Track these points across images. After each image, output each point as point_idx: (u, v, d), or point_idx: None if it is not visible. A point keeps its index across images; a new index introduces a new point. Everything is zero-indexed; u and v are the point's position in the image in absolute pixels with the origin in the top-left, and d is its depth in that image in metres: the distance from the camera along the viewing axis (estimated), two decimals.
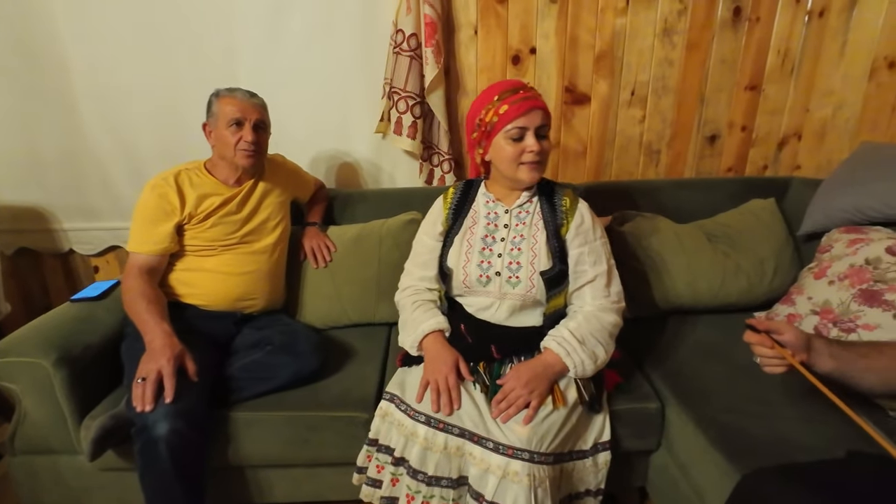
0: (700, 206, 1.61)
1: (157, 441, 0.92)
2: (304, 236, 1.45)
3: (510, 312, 1.05)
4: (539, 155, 0.99)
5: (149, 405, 0.93)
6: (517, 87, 1.01)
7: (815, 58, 1.72)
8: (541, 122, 0.99)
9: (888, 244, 1.13)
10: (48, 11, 1.61)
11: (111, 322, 1.21)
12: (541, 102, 1.00)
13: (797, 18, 1.70)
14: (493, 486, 0.85)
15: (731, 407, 1.02)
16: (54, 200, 1.86)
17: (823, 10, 1.67)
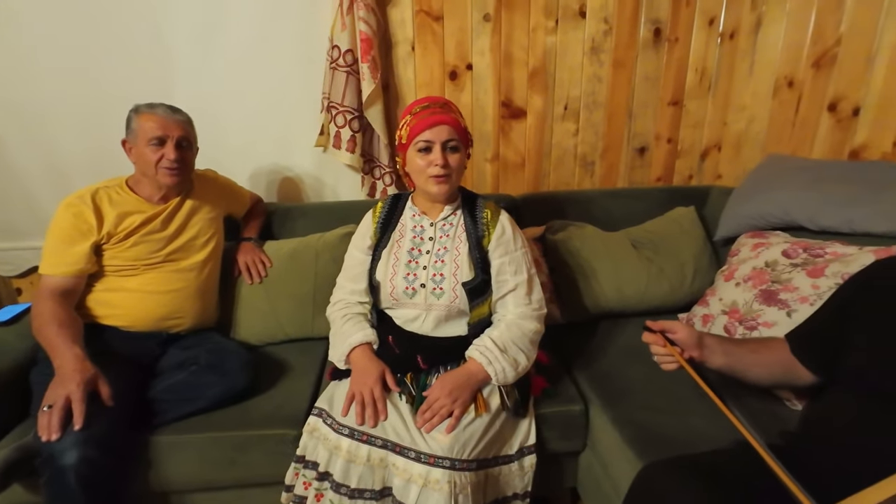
0: (630, 214, 1.70)
1: (65, 471, 0.88)
2: (239, 252, 1.43)
3: (436, 323, 1.07)
4: (444, 168, 1.02)
5: (55, 433, 0.89)
6: (431, 103, 1.05)
7: (729, 76, 1.86)
8: (448, 136, 1.01)
9: (784, 248, 1.24)
10: None
11: (22, 348, 1.15)
12: (448, 118, 1.02)
13: (711, 40, 1.84)
14: (414, 495, 0.87)
15: (648, 405, 1.08)
16: None
17: (734, 33, 1.81)
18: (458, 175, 1.07)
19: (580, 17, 1.77)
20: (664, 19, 1.81)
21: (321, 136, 1.71)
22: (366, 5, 1.56)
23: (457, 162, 1.04)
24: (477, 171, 1.91)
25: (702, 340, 0.86)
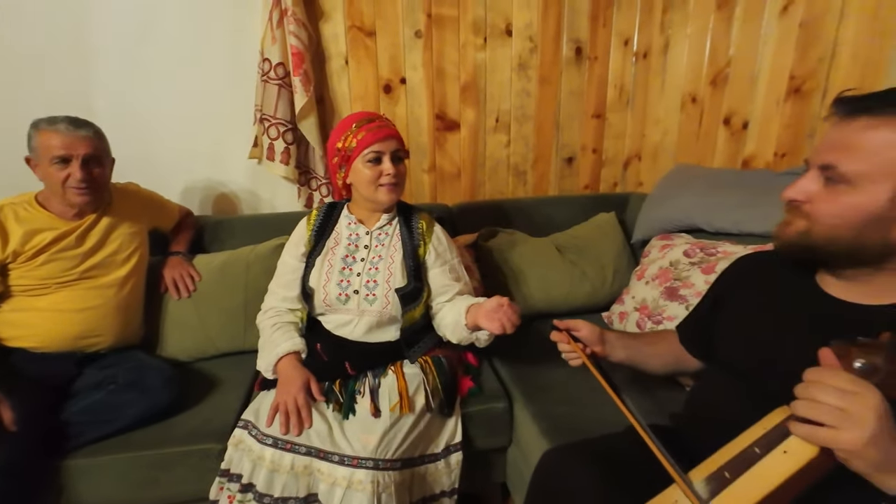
0: (557, 220, 1.80)
1: None
2: (165, 266, 1.40)
3: (368, 328, 1.11)
4: (395, 177, 1.07)
5: None
6: (372, 117, 1.10)
7: (644, 92, 2.02)
8: (396, 147, 1.08)
9: (685, 248, 1.36)
10: None
11: None
12: (394, 131, 1.10)
13: (627, 59, 2.00)
14: (339, 497, 0.89)
15: (566, 399, 1.15)
16: None
17: (646, 53, 1.98)
18: (404, 182, 1.13)
19: (507, 35, 1.88)
20: (584, 39, 1.95)
21: (254, 148, 1.71)
22: (296, 20, 1.58)
23: (403, 171, 1.10)
24: (415, 181, 1.96)
25: (603, 337, 0.93)
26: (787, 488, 0.56)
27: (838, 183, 0.60)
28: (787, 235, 0.67)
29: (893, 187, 0.57)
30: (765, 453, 0.59)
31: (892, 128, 0.56)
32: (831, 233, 0.62)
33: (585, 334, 0.92)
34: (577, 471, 0.75)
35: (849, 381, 0.51)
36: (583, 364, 0.91)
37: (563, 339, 0.91)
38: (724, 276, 0.90)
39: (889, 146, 0.56)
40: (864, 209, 0.59)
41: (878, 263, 0.62)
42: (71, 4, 1.54)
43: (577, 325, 0.93)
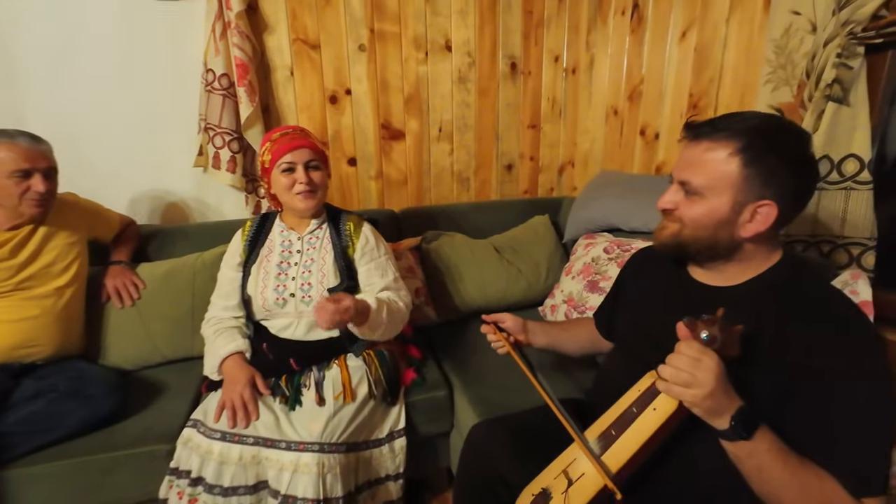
0: (497, 223, 1.94)
1: None
2: (107, 276, 1.40)
3: (308, 329, 1.17)
4: (309, 185, 1.14)
5: None
6: (286, 130, 1.17)
7: (575, 104, 2.21)
8: (309, 157, 1.15)
9: (605, 245, 1.53)
10: None
11: None
12: (307, 142, 1.15)
13: (557, 74, 2.18)
14: (286, 480, 0.95)
15: (499, 385, 1.27)
16: None
17: (575, 69, 2.16)
18: (323, 191, 1.20)
19: (447, 50, 2.00)
20: (518, 55, 2.11)
21: (200, 157, 1.73)
22: (240, 32, 1.63)
23: (319, 178, 1.17)
24: (362, 188, 2.04)
25: (525, 326, 1.06)
26: (657, 436, 0.70)
27: (693, 194, 0.74)
28: (663, 237, 0.81)
29: (732, 196, 0.71)
30: (640, 412, 0.72)
31: (725, 148, 0.70)
32: (694, 233, 0.76)
33: (510, 325, 1.04)
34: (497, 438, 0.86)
35: (696, 350, 0.64)
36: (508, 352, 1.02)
37: (490, 331, 1.02)
38: (623, 269, 1.05)
39: (724, 163, 0.70)
40: (714, 214, 0.73)
41: (729, 256, 0.77)
42: None
43: (502, 318, 1.04)
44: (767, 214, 0.69)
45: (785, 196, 0.68)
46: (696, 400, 0.63)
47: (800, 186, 0.69)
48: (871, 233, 1.13)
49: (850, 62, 1.09)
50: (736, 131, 0.69)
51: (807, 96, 1.19)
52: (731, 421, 0.62)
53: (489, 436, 0.88)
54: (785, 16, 1.24)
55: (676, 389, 0.64)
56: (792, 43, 1.24)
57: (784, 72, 1.26)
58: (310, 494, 0.94)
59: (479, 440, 0.90)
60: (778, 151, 0.67)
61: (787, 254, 0.76)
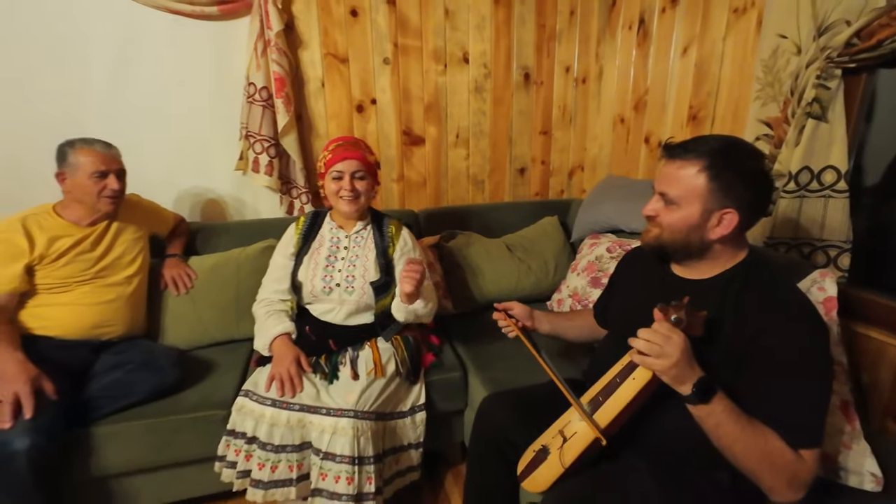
0: (509, 223, 2.09)
1: (17, 455, 1.02)
2: (165, 267, 1.59)
3: (347, 315, 1.35)
4: (352, 192, 1.31)
5: (8, 423, 1.03)
6: (344, 142, 1.34)
7: (584, 112, 2.34)
8: (356, 168, 1.31)
9: (608, 245, 1.67)
10: None
11: None
12: (355, 154, 1.31)
13: (568, 83, 2.32)
14: (327, 441, 1.13)
15: (510, 368, 1.43)
16: None
17: (585, 79, 2.30)
18: (367, 197, 1.36)
19: (464, 62, 2.16)
20: (531, 66, 2.25)
21: (241, 161, 1.91)
22: (278, 49, 1.81)
23: (364, 186, 1.33)
24: (385, 189, 2.21)
25: (532, 314, 1.21)
26: (636, 400, 0.85)
27: (671, 204, 0.89)
28: (648, 238, 0.96)
29: (701, 205, 0.86)
30: (622, 381, 0.87)
31: (694, 166, 0.85)
32: (672, 236, 0.91)
33: (518, 312, 1.19)
34: (504, 407, 1.02)
35: (667, 329, 0.79)
36: (517, 336, 1.17)
37: (500, 317, 1.18)
38: (618, 266, 1.20)
39: (694, 178, 0.85)
40: (687, 220, 0.87)
41: (701, 255, 0.91)
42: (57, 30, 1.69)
43: (511, 305, 1.20)
44: (731, 220, 0.84)
45: (743, 205, 0.83)
46: (663, 369, 0.78)
47: (755, 196, 0.84)
48: (847, 236, 1.26)
49: (828, 83, 1.22)
50: (702, 152, 0.83)
51: (790, 112, 1.32)
52: (693, 388, 0.77)
53: (497, 405, 1.05)
54: (773, 38, 1.37)
55: (648, 360, 0.79)
56: (779, 63, 1.36)
57: (772, 89, 1.39)
58: (346, 452, 1.12)
59: (488, 409, 1.06)
60: (734, 168, 0.82)
61: (751, 253, 0.90)
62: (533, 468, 0.93)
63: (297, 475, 1.15)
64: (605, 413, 0.87)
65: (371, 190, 1.37)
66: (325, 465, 1.12)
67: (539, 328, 1.21)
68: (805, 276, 1.13)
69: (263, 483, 1.13)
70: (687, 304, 0.80)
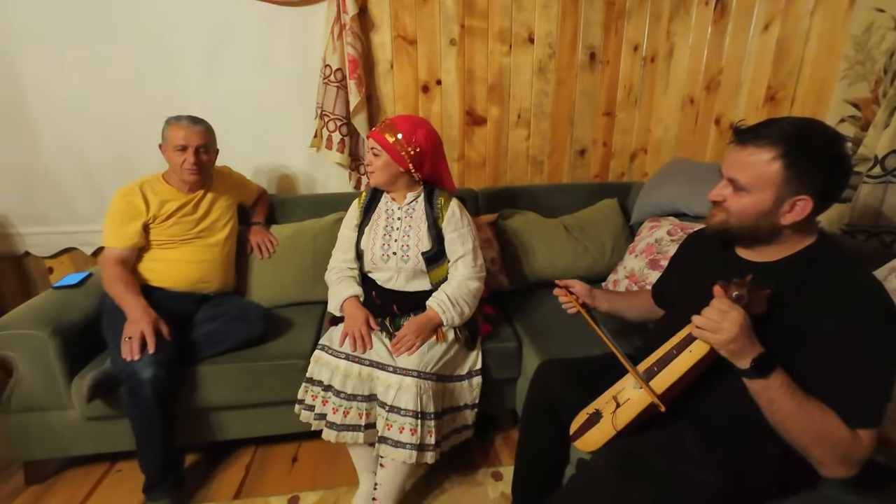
0: (567, 204, 2.11)
1: (143, 383, 1.23)
2: (250, 233, 1.78)
3: (406, 281, 1.46)
4: (370, 167, 1.42)
5: (136, 355, 1.24)
6: (379, 123, 1.43)
7: (651, 92, 2.28)
8: (372, 145, 1.40)
9: (669, 228, 1.66)
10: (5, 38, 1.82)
11: (89, 304, 1.48)
12: (375, 135, 1.40)
13: (635, 63, 2.26)
14: (392, 395, 1.25)
15: (563, 341, 1.49)
16: (10, 208, 2.04)
17: (654, 57, 2.24)
18: (382, 172, 1.41)
19: (529, 42, 2.17)
20: (597, 45, 2.22)
21: (315, 139, 2.06)
22: (353, 33, 1.92)
23: (378, 163, 1.40)
24: None
25: (592, 291, 1.26)
26: (692, 371, 0.89)
27: (741, 190, 0.89)
28: (713, 223, 0.97)
29: (774, 193, 0.85)
30: (678, 353, 0.92)
31: (767, 153, 0.84)
32: (739, 222, 0.91)
33: (578, 290, 1.24)
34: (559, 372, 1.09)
35: (726, 305, 0.82)
36: (577, 312, 1.23)
37: (562, 293, 1.24)
38: (680, 248, 1.21)
39: (766, 165, 0.84)
40: (757, 207, 0.88)
41: (769, 240, 0.92)
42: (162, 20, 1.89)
43: (572, 283, 1.25)
44: (804, 207, 0.84)
45: (818, 191, 0.82)
46: (720, 343, 0.81)
47: (832, 182, 0.83)
48: None
49: None
50: (776, 139, 0.83)
51: (881, 92, 1.25)
52: (751, 363, 0.80)
53: (553, 370, 1.12)
54: (868, 12, 1.29)
55: (705, 334, 0.83)
56: (873, 39, 1.28)
57: (862, 68, 1.31)
58: (410, 406, 1.24)
59: (544, 372, 1.14)
60: (811, 155, 0.81)
61: (821, 237, 0.90)
62: (585, 429, 1.00)
63: (365, 423, 1.29)
64: (660, 382, 0.92)
65: (390, 167, 1.40)
66: (391, 416, 1.25)
67: (598, 306, 1.26)
68: (882, 265, 1.09)
69: (337, 426, 1.27)
70: (750, 282, 0.82)
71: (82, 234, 2.13)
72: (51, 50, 1.85)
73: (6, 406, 1.36)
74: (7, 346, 1.31)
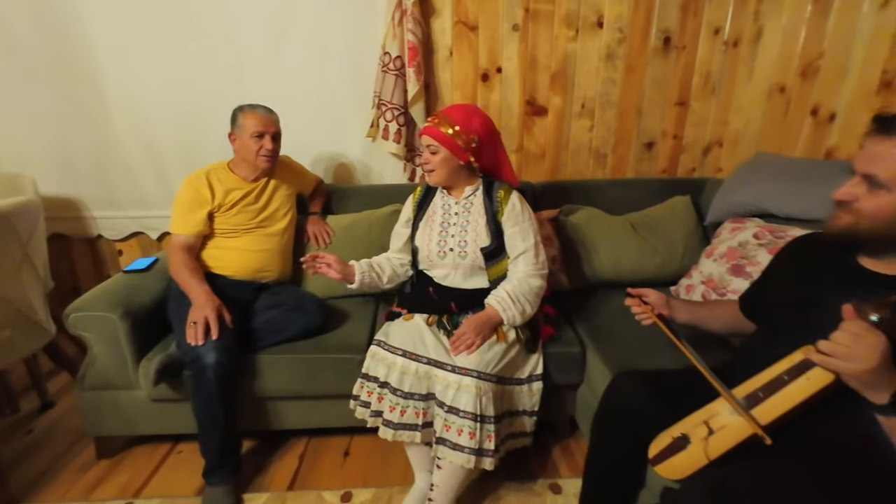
0: (632, 200, 1.97)
1: (206, 368, 1.25)
2: (308, 223, 1.78)
3: (463, 278, 1.40)
4: (427, 164, 1.36)
5: (200, 341, 1.26)
6: (434, 116, 1.35)
7: (731, 80, 2.09)
8: (429, 142, 1.33)
9: (755, 231, 1.50)
10: (84, 29, 1.90)
11: (156, 288, 1.53)
12: (429, 129, 1.33)
13: (715, 48, 2.07)
14: (451, 395, 1.20)
15: (630, 348, 1.38)
16: (86, 192, 2.16)
17: (737, 41, 2.04)
18: (442, 169, 1.34)
19: (598, 27, 2.03)
20: (673, 29, 2.05)
21: (372, 129, 2.03)
22: (414, 19, 1.86)
23: (437, 160, 1.33)
24: None
25: (668, 301, 1.15)
26: (808, 401, 0.78)
27: (878, 188, 0.76)
28: (836, 227, 0.84)
29: None
30: (791, 380, 0.80)
31: None
32: (872, 225, 0.78)
33: (653, 299, 1.14)
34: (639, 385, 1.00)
35: (861, 328, 0.70)
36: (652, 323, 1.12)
37: (635, 303, 1.14)
38: (779, 254, 1.07)
39: None
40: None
41: None
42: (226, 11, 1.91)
43: (646, 292, 1.15)
44: None
45: None
46: (853, 373, 0.69)
47: None
48: None
49: None
50: None
51: None
52: (891, 398, 0.68)
53: (630, 382, 1.02)
54: None
55: (834, 362, 0.71)
56: None
57: None
58: (469, 408, 1.18)
59: (621, 385, 1.04)
60: None
61: None
62: (669, 454, 0.90)
63: (422, 422, 1.24)
64: (767, 411, 0.81)
65: (450, 162, 1.33)
66: (450, 417, 1.20)
67: (676, 317, 1.15)
68: None
69: (393, 424, 1.24)
70: (893, 303, 0.70)
71: (148, 219, 2.21)
72: (126, 42, 1.92)
73: (81, 383, 1.42)
74: (83, 326, 1.37)
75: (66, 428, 1.68)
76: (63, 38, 1.91)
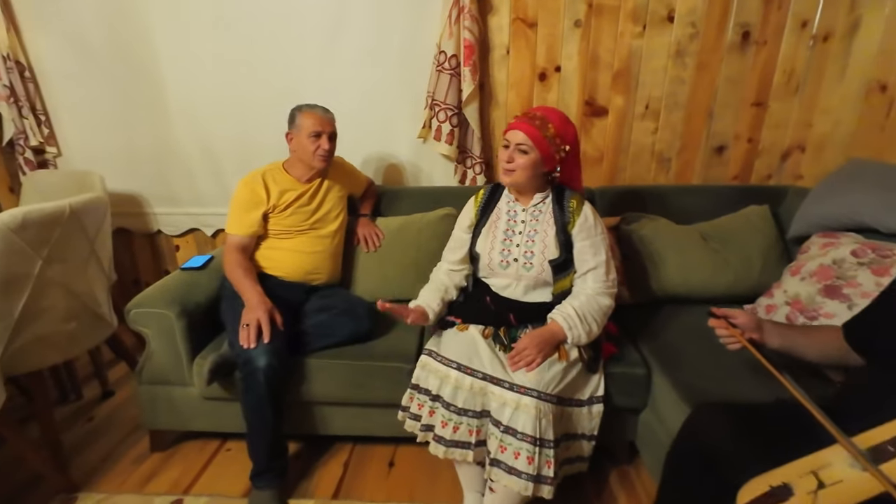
0: (700, 209, 1.82)
1: (257, 370, 1.23)
2: (358, 225, 1.75)
3: (525, 291, 1.31)
4: (509, 163, 1.25)
5: (252, 343, 1.25)
6: (524, 114, 1.27)
7: (819, 78, 1.89)
8: (520, 140, 1.22)
9: (853, 248, 1.33)
10: (149, 32, 1.96)
11: (211, 286, 1.54)
12: (523, 126, 1.22)
13: (802, 42, 1.88)
14: (508, 415, 1.12)
15: (702, 373, 1.25)
16: (147, 189, 2.23)
17: (828, 36, 1.84)
18: (525, 172, 1.24)
19: (668, 21, 1.89)
20: (753, 23, 1.87)
21: (424, 129, 1.98)
22: (471, 16, 1.80)
23: (524, 161, 1.23)
24: None
25: (761, 324, 1.02)
26: None
27: None
28: None
29: None
30: None
31: None
32: None
33: (743, 322, 1.01)
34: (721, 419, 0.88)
35: None
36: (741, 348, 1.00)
37: (720, 325, 1.02)
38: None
39: None
40: None
41: None
42: (278, 14, 1.91)
43: (734, 314, 1.03)
44: None
45: None
46: None
47: None
48: None
49: None
50: None
51: None
52: None
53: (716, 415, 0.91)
54: None
55: None
56: None
57: None
58: (528, 431, 1.10)
59: (705, 418, 0.93)
60: None
61: None
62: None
63: (476, 440, 1.17)
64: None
65: (537, 167, 1.24)
66: (506, 438, 1.12)
67: (768, 342, 1.02)
68: None
69: (445, 441, 1.18)
70: None
71: (204, 216, 2.27)
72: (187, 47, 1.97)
73: (139, 377, 1.45)
74: (142, 322, 1.40)
75: (123, 417, 1.74)
76: (130, 43, 1.99)
